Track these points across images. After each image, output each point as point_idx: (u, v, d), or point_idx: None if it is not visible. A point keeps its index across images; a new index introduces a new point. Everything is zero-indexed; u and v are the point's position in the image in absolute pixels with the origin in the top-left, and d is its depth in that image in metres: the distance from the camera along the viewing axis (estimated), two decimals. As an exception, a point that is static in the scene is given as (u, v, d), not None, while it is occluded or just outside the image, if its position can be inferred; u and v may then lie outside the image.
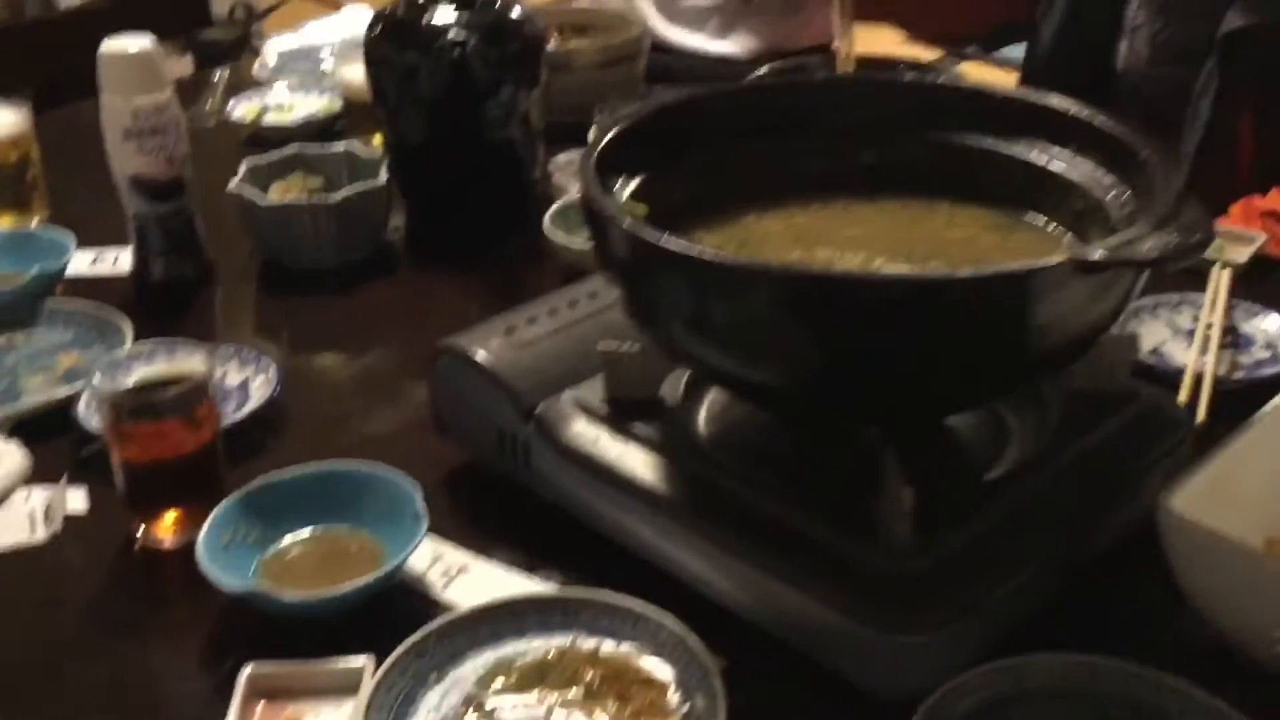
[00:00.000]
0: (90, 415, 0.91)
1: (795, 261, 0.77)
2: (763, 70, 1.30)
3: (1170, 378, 0.94)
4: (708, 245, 0.82)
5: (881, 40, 1.47)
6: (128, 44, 1.03)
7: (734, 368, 0.72)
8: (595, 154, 0.77)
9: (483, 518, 0.85)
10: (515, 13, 1.19)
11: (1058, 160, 0.82)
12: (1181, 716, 0.66)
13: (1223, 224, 1.23)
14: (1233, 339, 1.00)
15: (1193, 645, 0.72)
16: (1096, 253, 0.64)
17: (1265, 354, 0.98)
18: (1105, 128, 0.79)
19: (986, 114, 0.85)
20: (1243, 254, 1.11)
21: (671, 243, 0.69)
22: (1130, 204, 0.75)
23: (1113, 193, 0.77)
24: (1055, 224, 0.81)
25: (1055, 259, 0.64)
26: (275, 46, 1.68)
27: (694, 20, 1.77)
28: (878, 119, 0.87)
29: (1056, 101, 0.83)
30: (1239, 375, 0.95)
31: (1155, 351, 0.99)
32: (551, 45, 1.49)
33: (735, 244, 0.82)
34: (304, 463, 0.83)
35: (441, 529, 0.82)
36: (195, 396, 0.81)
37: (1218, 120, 1.31)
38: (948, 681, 0.67)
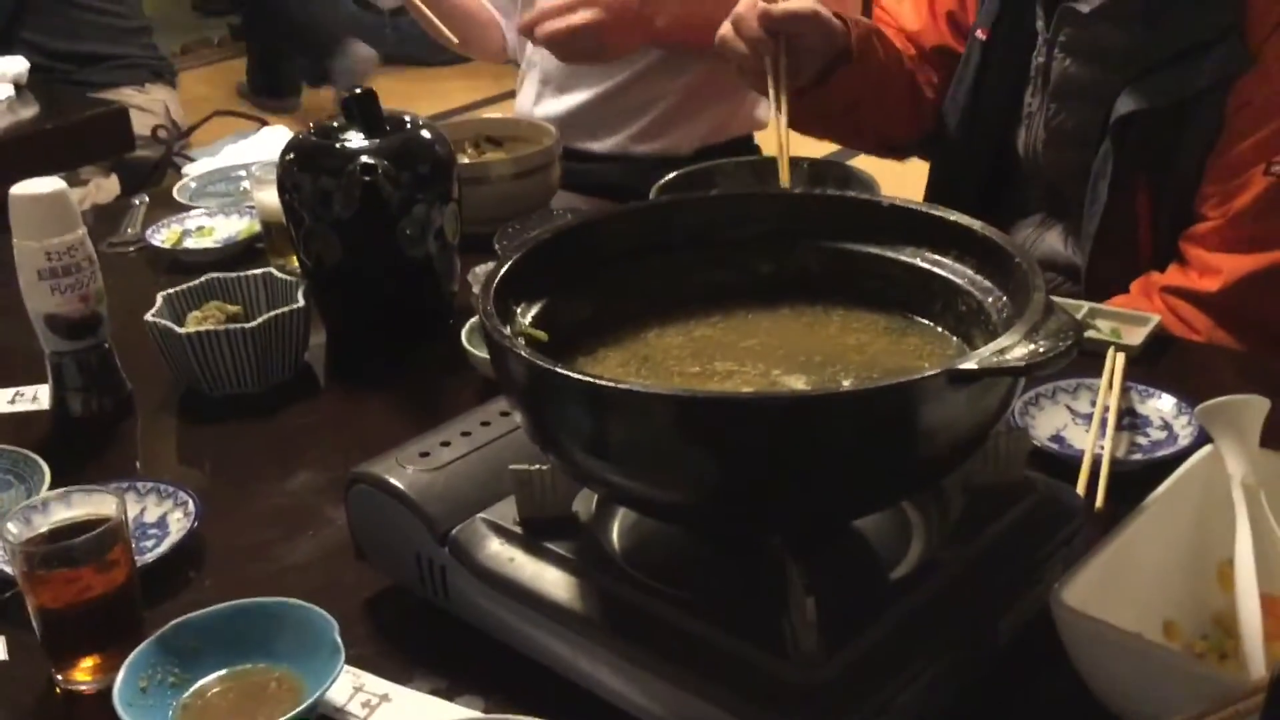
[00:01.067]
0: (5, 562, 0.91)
1: (683, 387, 0.79)
2: (670, 177, 1.34)
3: (1071, 462, 0.97)
4: (611, 362, 0.84)
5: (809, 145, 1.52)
6: (38, 186, 1.05)
7: (635, 488, 0.74)
8: (494, 284, 0.79)
9: (404, 644, 0.86)
10: (425, 134, 1.22)
11: (941, 266, 0.85)
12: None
13: (1119, 304, 1.28)
14: (1130, 421, 1.03)
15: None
16: (969, 363, 0.67)
17: (1161, 434, 1.01)
18: (982, 234, 0.83)
19: (875, 223, 0.89)
20: (1137, 336, 1.15)
21: (564, 370, 0.71)
22: (1007, 308, 0.78)
23: (991, 296, 0.81)
24: (942, 327, 0.85)
25: (931, 371, 0.67)
26: (196, 168, 1.70)
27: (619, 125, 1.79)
28: (774, 231, 0.91)
29: (938, 211, 0.86)
30: (1136, 456, 0.99)
31: (1055, 437, 1.02)
32: (467, 158, 1.53)
33: (638, 361, 0.84)
34: (224, 599, 0.84)
35: (363, 657, 0.82)
36: (109, 541, 0.81)
37: (1115, 202, 1.36)
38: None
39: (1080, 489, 0.93)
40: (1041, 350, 0.66)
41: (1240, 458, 0.81)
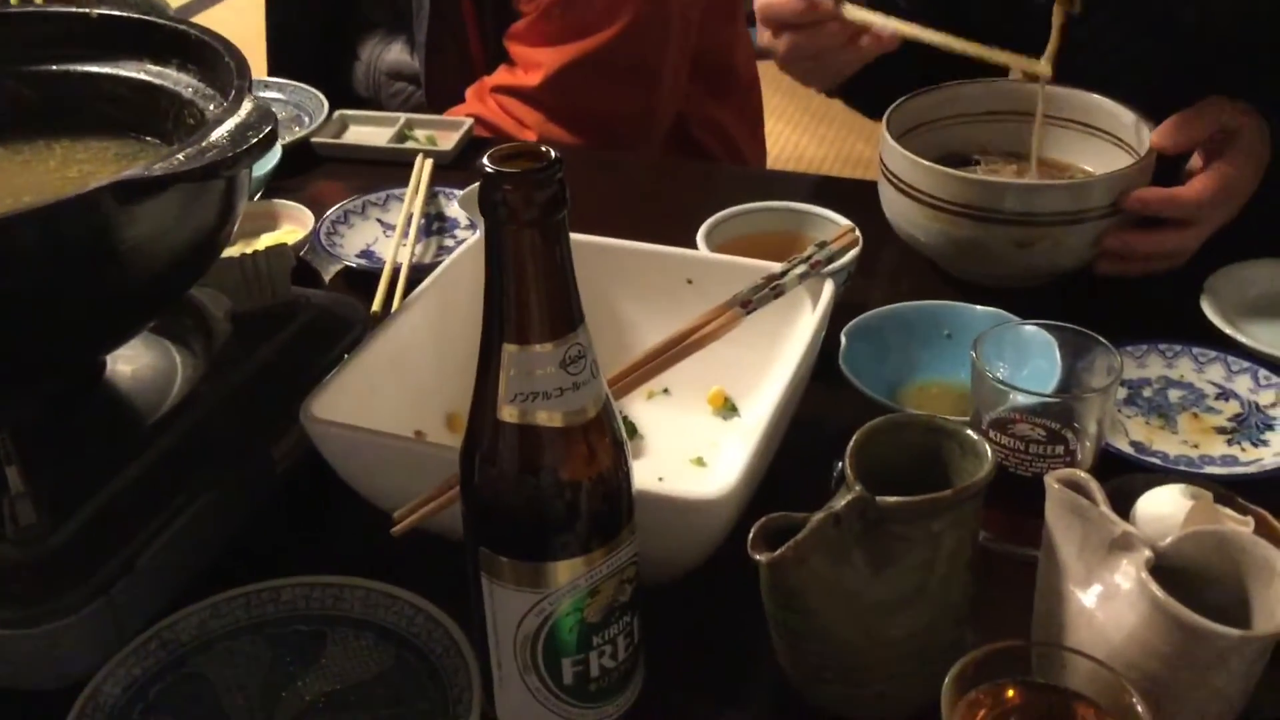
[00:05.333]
0: None
1: None
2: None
3: (379, 273, 0.94)
4: None
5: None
6: None
7: None
8: None
9: None
10: None
11: (165, 78, 0.77)
12: (362, 609, 0.66)
13: (456, 113, 1.27)
14: (439, 226, 1.02)
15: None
16: (135, 172, 0.60)
17: (469, 233, 1.01)
18: (198, 38, 0.75)
19: (90, 38, 0.78)
20: (450, 141, 1.14)
21: None
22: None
23: (214, 104, 0.74)
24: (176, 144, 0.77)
25: (91, 187, 0.59)
26: None
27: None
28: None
29: (153, 18, 0.78)
30: (442, 257, 0.97)
31: (365, 252, 0.99)
32: None
33: None
34: None
35: None
36: None
37: (440, 8, 1.34)
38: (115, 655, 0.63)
39: (378, 300, 0.91)
40: (204, 158, 0.61)
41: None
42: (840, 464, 0.79)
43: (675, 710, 0.63)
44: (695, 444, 0.79)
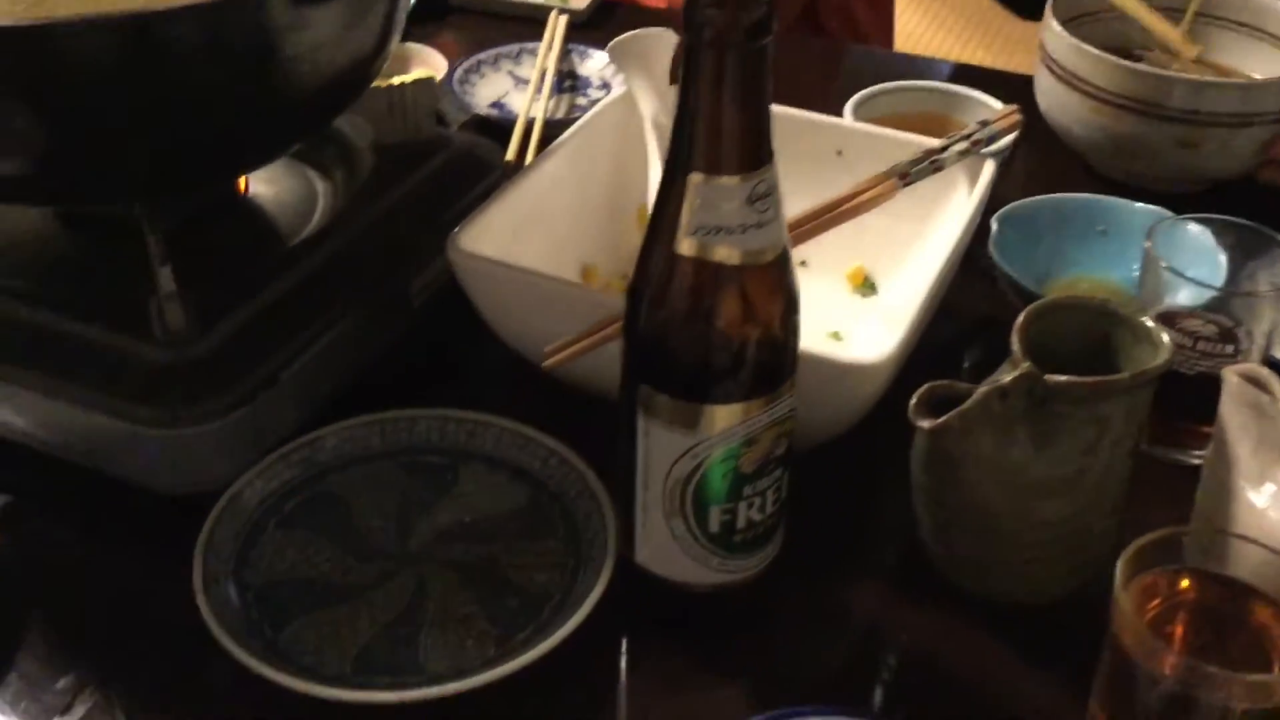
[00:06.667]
0: None
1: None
2: None
3: (510, 125, 0.92)
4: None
5: None
6: None
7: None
8: None
9: None
10: None
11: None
12: (495, 447, 0.66)
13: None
14: (570, 83, 1.00)
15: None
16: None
17: (601, 94, 0.99)
18: None
19: None
20: (583, 1, 1.11)
21: None
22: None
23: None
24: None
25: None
26: None
27: None
28: None
29: None
30: (576, 115, 0.96)
31: (496, 104, 0.97)
32: None
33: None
34: None
35: None
36: None
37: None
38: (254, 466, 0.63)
39: (512, 149, 0.89)
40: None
41: (651, 96, 0.79)
42: (967, 355, 0.78)
43: (807, 575, 0.62)
44: (831, 319, 0.77)
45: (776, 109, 0.50)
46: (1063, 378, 0.55)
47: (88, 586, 0.62)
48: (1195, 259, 0.68)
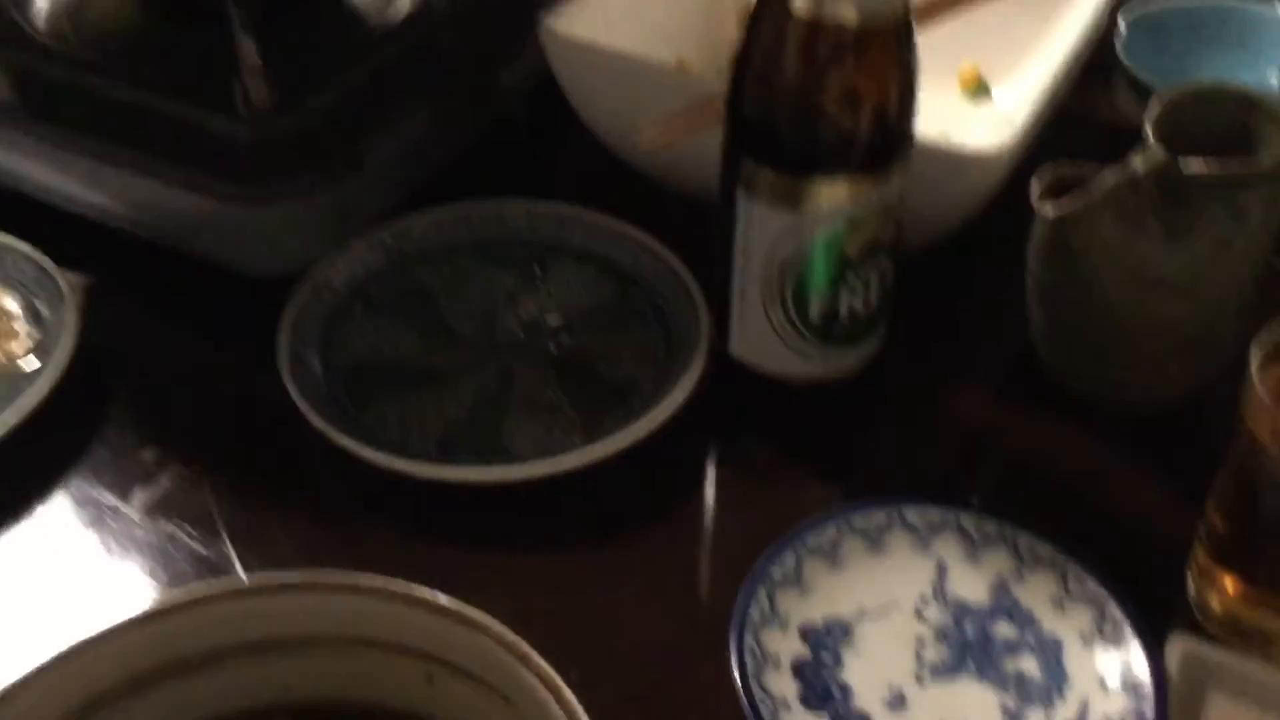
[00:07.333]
0: None
1: None
2: None
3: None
4: None
5: None
6: None
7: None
8: None
9: None
10: None
11: None
12: (584, 241, 0.64)
13: None
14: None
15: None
16: None
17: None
18: None
19: None
20: None
21: None
22: None
23: None
24: None
25: None
26: None
27: None
28: None
29: None
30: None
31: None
32: None
33: None
34: None
35: None
36: None
37: None
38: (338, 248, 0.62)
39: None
40: None
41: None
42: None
43: (910, 377, 0.59)
44: (939, 123, 0.73)
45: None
46: (1200, 163, 0.51)
47: (172, 366, 0.62)
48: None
